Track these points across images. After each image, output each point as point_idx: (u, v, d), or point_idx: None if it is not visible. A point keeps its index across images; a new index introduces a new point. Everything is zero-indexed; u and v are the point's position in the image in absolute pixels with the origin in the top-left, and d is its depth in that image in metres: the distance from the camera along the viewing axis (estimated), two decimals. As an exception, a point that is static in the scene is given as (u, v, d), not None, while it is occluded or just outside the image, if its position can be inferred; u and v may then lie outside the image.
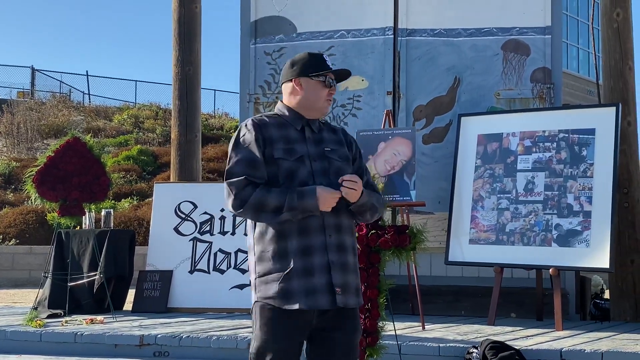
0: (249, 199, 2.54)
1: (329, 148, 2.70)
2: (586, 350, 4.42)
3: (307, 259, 2.57)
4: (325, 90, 2.70)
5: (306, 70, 2.67)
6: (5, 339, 5.25)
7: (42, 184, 5.80)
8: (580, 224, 5.44)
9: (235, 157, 2.64)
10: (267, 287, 2.56)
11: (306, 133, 2.70)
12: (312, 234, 2.59)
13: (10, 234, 12.33)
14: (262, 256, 2.59)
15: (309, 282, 2.56)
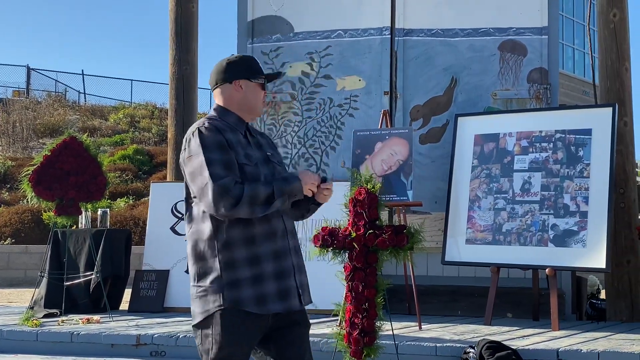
0: (243, 196, 2.53)
1: (269, 152, 2.75)
2: (583, 351, 4.44)
3: (278, 263, 2.61)
4: (262, 93, 2.74)
5: (246, 73, 2.69)
6: (2, 339, 5.25)
7: (39, 184, 5.79)
8: (577, 224, 5.45)
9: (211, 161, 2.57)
10: (238, 293, 2.54)
11: (249, 137, 2.72)
12: (278, 239, 2.63)
13: (5, 233, 12.31)
14: (232, 263, 2.57)
15: (282, 285, 2.60)
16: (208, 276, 2.57)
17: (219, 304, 2.53)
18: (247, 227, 2.58)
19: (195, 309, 2.58)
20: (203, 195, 2.55)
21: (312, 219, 6.30)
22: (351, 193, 3.77)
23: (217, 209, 2.53)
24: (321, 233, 3.77)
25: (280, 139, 6.80)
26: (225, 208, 2.52)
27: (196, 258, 2.61)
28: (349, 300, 3.65)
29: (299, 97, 6.79)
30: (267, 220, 2.61)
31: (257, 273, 2.57)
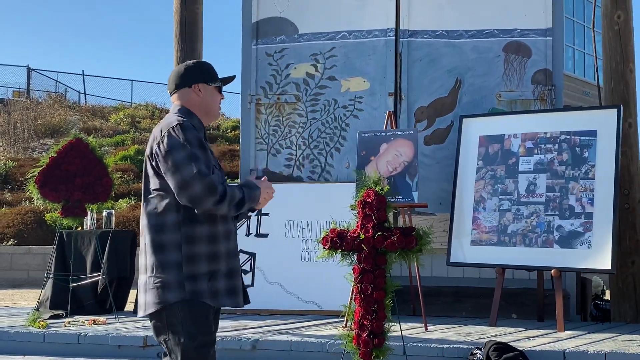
0: (226, 195, 2.67)
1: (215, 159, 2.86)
2: (589, 352, 4.45)
3: (231, 262, 2.77)
4: (219, 96, 2.88)
5: (204, 77, 2.83)
6: (9, 340, 5.25)
7: (45, 185, 5.80)
8: (582, 226, 5.46)
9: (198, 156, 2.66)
10: (198, 285, 2.67)
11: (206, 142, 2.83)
12: (232, 240, 2.78)
13: (8, 234, 12.31)
14: (193, 257, 2.68)
15: (231, 283, 2.76)
16: (168, 268, 2.67)
17: (181, 296, 2.65)
18: (211, 225, 2.71)
19: (150, 298, 2.67)
20: (187, 187, 2.62)
21: (318, 220, 6.33)
22: (359, 195, 3.78)
23: (202, 203, 2.64)
24: (329, 235, 3.78)
25: (285, 140, 6.81)
26: (210, 203, 2.64)
27: (155, 249, 2.69)
28: (358, 302, 3.66)
29: (304, 99, 6.80)
30: (226, 220, 2.75)
31: (213, 269, 2.71)
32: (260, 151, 6.86)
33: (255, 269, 6.32)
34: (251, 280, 6.31)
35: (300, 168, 6.77)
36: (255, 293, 6.24)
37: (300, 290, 6.20)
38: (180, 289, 2.64)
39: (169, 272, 2.66)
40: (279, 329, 5.31)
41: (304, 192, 6.50)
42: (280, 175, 6.78)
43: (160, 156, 2.67)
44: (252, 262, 6.34)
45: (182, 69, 2.84)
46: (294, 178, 6.75)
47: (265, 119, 6.86)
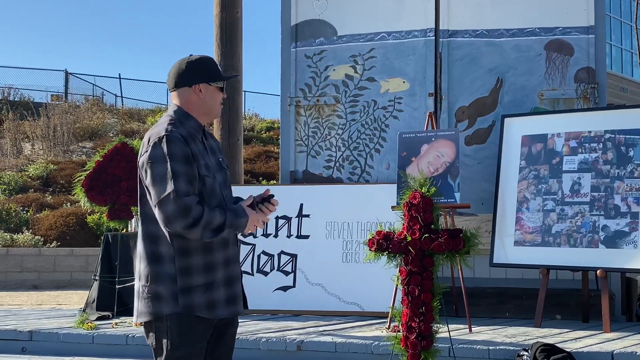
0: (201, 220, 2.53)
1: (220, 157, 2.75)
2: (638, 353, 4.39)
3: (228, 270, 2.67)
4: (221, 95, 2.73)
5: (205, 77, 2.66)
6: (58, 341, 5.35)
7: (92, 189, 5.91)
8: (628, 225, 5.39)
9: (178, 172, 2.54)
10: (193, 299, 2.58)
11: (205, 142, 2.70)
12: (230, 246, 2.69)
13: (51, 236, 12.53)
14: (188, 269, 2.59)
15: (230, 291, 2.67)
16: (161, 279, 2.59)
17: (173, 309, 2.57)
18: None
19: (142, 308, 2.62)
20: (160, 206, 2.53)
21: (358, 222, 6.34)
22: (405, 197, 3.79)
23: (172, 224, 2.53)
24: (376, 237, 3.80)
25: (325, 142, 6.84)
26: (180, 226, 2.53)
27: (150, 259, 2.60)
28: (405, 304, 3.67)
29: (343, 100, 6.82)
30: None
31: (210, 280, 2.61)
32: (300, 153, 6.89)
33: (297, 270, 6.35)
34: (293, 282, 6.34)
35: (340, 169, 6.79)
36: (297, 294, 6.30)
37: (342, 292, 6.22)
38: (173, 302, 2.58)
39: (163, 284, 2.59)
40: (322, 330, 5.34)
41: (344, 193, 6.52)
42: (320, 177, 6.80)
43: (143, 168, 2.59)
44: (293, 264, 6.38)
45: (184, 66, 2.67)
46: (334, 179, 6.77)
47: (305, 121, 6.89)
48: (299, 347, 4.88)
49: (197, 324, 2.62)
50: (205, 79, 2.67)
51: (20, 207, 13.66)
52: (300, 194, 6.52)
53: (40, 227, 12.76)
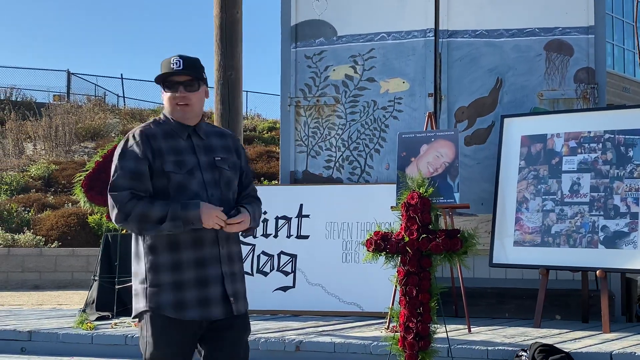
0: (132, 212, 2.57)
1: (219, 157, 2.71)
2: (637, 353, 4.38)
3: (201, 270, 2.62)
4: (168, 95, 2.69)
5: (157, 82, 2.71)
6: (58, 342, 5.35)
7: (91, 189, 5.92)
8: (627, 226, 5.39)
9: (120, 169, 2.63)
10: (159, 297, 2.60)
11: (194, 141, 2.70)
12: (205, 247, 2.64)
13: (52, 236, 12.55)
14: (155, 267, 2.62)
15: (203, 293, 2.62)
16: (138, 276, 2.67)
17: (145, 306, 2.63)
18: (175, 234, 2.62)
19: (133, 304, 2.73)
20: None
21: (358, 222, 6.34)
22: (403, 197, 3.79)
23: (112, 218, 2.67)
24: (373, 237, 3.79)
25: (324, 142, 6.84)
26: (116, 220, 2.63)
27: (134, 257, 2.71)
28: (403, 305, 3.67)
29: (343, 100, 6.82)
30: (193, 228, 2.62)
31: (177, 279, 2.61)
32: (300, 153, 6.90)
33: (296, 271, 6.36)
34: (292, 282, 6.35)
35: (340, 170, 6.79)
36: (296, 294, 6.30)
37: (342, 292, 6.22)
38: (145, 299, 2.63)
39: (140, 281, 2.66)
40: (321, 330, 5.34)
41: (344, 193, 6.52)
42: (319, 177, 6.81)
43: None
44: (293, 264, 6.39)
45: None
46: (334, 180, 6.78)
47: (305, 121, 6.89)
48: (297, 348, 4.88)
49: (168, 324, 2.61)
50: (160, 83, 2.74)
51: (22, 207, 13.68)
52: (300, 194, 6.52)
53: (42, 227, 12.78)
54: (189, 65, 2.67)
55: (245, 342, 2.77)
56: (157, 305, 2.61)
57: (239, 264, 2.76)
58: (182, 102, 2.68)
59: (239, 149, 2.83)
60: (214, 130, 2.80)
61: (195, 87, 2.70)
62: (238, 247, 2.79)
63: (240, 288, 2.74)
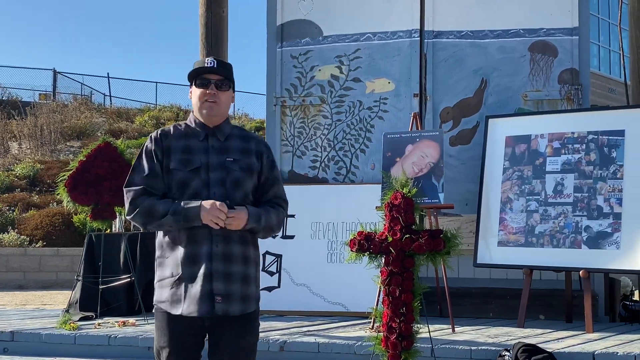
0: (140, 206, 2.69)
1: (231, 158, 2.75)
2: (619, 353, 4.41)
3: (193, 267, 2.69)
4: (200, 91, 2.76)
5: (189, 79, 2.80)
6: (40, 342, 5.32)
7: (74, 189, 5.88)
8: (610, 226, 5.42)
9: (137, 167, 2.77)
10: (161, 292, 2.72)
11: (210, 142, 2.76)
12: (199, 243, 2.69)
13: (37, 236, 12.47)
14: (160, 262, 2.76)
15: (192, 289, 2.68)
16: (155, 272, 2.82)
17: (154, 300, 2.77)
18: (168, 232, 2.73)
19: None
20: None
21: (343, 222, 6.34)
22: (387, 197, 3.79)
23: (126, 211, 2.77)
24: (357, 237, 3.79)
25: (310, 142, 6.84)
26: (126, 213, 2.76)
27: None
28: (386, 305, 3.67)
29: (329, 100, 6.82)
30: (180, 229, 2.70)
31: (177, 275, 2.70)
32: (286, 153, 6.89)
33: (281, 271, 6.35)
34: (278, 282, 6.34)
35: (325, 170, 6.79)
36: (281, 294, 6.29)
37: (327, 292, 6.22)
38: (155, 295, 2.79)
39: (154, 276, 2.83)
40: (306, 331, 5.34)
41: (330, 193, 6.53)
42: (305, 177, 6.80)
43: None
44: (278, 264, 6.38)
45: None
46: (320, 180, 6.77)
47: (291, 121, 6.89)
48: (282, 348, 4.87)
49: (167, 319, 2.71)
50: (190, 83, 2.83)
51: (7, 207, 13.59)
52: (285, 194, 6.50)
53: (26, 226, 12.70)
54: (222, 66, 2.79)
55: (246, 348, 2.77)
56: (158, 300, 2.73)
57: (241, 265, 2.74)
58: (211, 99, 2.75)
59: (263, 153, 2.83)
60: (240, 133, 2.84)
61: (226, 87, 2.78)
62: (243, 249, 2.76)
63: (236, 289, 2.71)
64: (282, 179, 2.94)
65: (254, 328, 2.80)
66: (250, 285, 2.77)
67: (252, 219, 2.72)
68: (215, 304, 2.66)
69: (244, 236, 2.76)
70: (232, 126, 2.85)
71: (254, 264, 2.80)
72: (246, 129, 2.96)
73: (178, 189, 2.71)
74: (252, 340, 2.80)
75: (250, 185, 2.79)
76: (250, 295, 2.76)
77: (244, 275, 2.74)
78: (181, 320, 2.69)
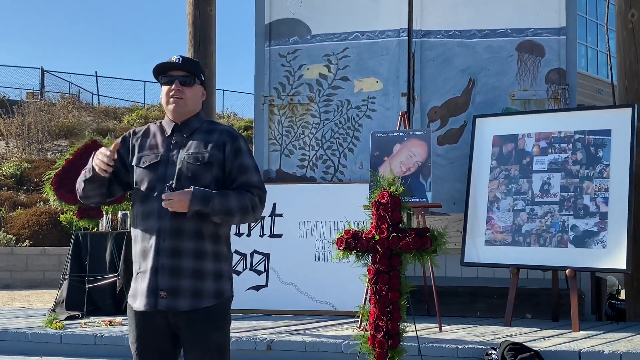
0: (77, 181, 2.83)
1: (189, 152, 2.73)
2: (605, 352, 4.43)
3: (143, 262, 2.74)
4: (166, 88, 2.77)
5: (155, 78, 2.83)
6: (26, 341, 5.30)
7: (61, 187, 5.85)
8: (597, 225, 5.45)
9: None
10: (130, 287, 2.82)
11: (174, 138, 2.77)
12: (148, 238, 2.73)
13: (23, 235, 12.40)
14: (132, 258, 2.86)
15: (142, 285, 2.72)
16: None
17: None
18: (135, 226, 2.79)
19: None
20: None
21: (331, 221, 6.34)
22: (374, 196, 3.79)
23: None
24: (344, 236, 3.79)
25: (298, 141, 6.83)
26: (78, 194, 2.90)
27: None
28: (373, 303, 3.67)
29: (317, 99, 6.82)
30: (144, 219, 2.74)
31: (137, 270, 2.77)
32: (274, 152, 6.88)
33: (269, 270, 6.34)
34: (265, 281, 6.33)
35: (313, 169, 6.79)
36: (269, 293, 6.28)
37: (314, 291, 6.22)
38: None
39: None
40: (293, 330, 5.33)
41: (318, 192, 6.52)
42: (293, 176, 6.80)
43: None
44: (266, 263, 6.37)
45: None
46: (308, 179, 6.77)
47: (279, 120, 6.88)
48: (269, 347, 4.87)
49: (133, 316, 2.76)
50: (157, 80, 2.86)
51: (-7, 206, 13.51)
52: (273, 193, 6.47)
53: (13, 225, 12.63)
54: (186, 62, 2.77)
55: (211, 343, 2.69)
56: (128, 296, 2.81)
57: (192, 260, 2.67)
58: (176, 95, 2.73)
59: (226, 143, 2.75)
60: (208, 127, 2.78)
61: (191, 83, 2.75)
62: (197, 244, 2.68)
63: (185, 284, 2.66)
64: (257, 167, 2.84)
65: (218, 325, 2.70)
66: (204, 280, 2.68)
67: (196, 200, 2.62)
68: (159, 299, 2.65)
69: (200, 230, 2.68)
70: (203, 121, 2.80)
71: (212, 259, 2.70)
72: (220, 123, 2.90)
73: (136, 184, 2.77)
74: (218, 339, 2.70)
75: (210, 179, 2.71)
76: (204, 290, 2.68)
77: (195, 270, 2.68)
78: (141, 317, 2.71)
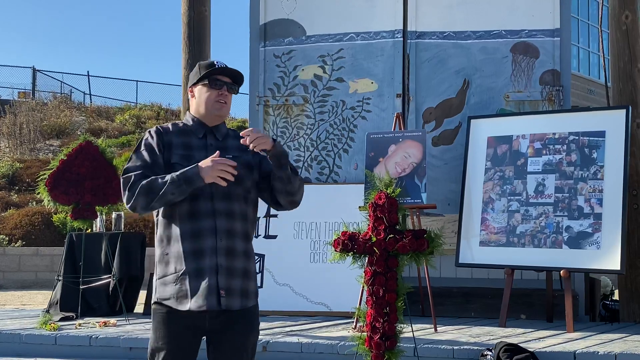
0: (139, 188, 2.65)
1: (230, 155, 2.76)
2: (599, 352, 4.45)
3: (198, 262, 2.68)
4: (211, 92, 2.79)
5: (194, 79, 2.83)
6: (20, 342, 5.27)
7: (55, 188, 5.83)
8: (591, 226, 5.47)
9: (134, 158, 2.76)
10: (164, 289, 2.70)
11: (208, 140, 2.80)
12: (203, 238, 2.69)
13: (16, 235, 12.35)
14: (162, 258, 2.73)
15: (199, 284, 2.67)
16: (154, 269, 2.79)
17: (155, 298, 2.73)
18: (175, 225, 2.70)
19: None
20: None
21: (326, 222, 6.34)
22: (370, 197, 3.79)
23: (124, 200, 2.71)
24: (341, 237, 3.79)
25: (293, 142, 6.83)
26: (126, 200, 2.69)
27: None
28: (369, 305, 3.67)
29: (312, 100, 6.82)
30: (195, 219, 2.69)
31: (180, 270, 2.68)
32: (269, 153, 6.86)
33: (264, 271, 6.34)
34: (260, 282, 6.32)
35: (308, 169, 6.79)
36: (264, 294, 6.25)
37: (310, 292, 6.22)
38: (155, 292, 2.74)
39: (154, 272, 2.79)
40: (289, 331, 5.33)
41: (313, 193, 6.48)
42: (288, 177, 6.78)
43: None
44: (261, 264, 6.36)
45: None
46: (302, 179, 6.75)
47: (273, 121, 6.87)
48: (264, 348, 4.86)
49: (168, 316, 2.68)
50: (193, 81, 2.83)
51: (-15, 206, 13.45)
52: (297, 170, 6.49)
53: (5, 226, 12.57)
54: (232, 70, 2.84)
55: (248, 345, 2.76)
56: (161, 296, 2.69)
57: (243, 260, 2.74)
58: (223, 100, 2.81)
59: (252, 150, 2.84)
60: (234, 133, 2.88)
61: (235, 91, 2.86)
62: (246, 244, 2.77)
63: (236, 284, 2.71)
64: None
65: (254, 325, 2.79)
66: (250, 280, 2.78)
67: (278, 145, 2.75)
68: (220, 298, 2.66)
69: (246, 231, 2.77)
70: (227, 127, 2.91)
71: (253, 259, 2.83)
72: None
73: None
74: (254, 338, 2.79)
75: (250, 182, 2.81)
76: (249, 290, 2.76)
77: (245, 270, 2.75)
78: (183, 319, 2.67)
